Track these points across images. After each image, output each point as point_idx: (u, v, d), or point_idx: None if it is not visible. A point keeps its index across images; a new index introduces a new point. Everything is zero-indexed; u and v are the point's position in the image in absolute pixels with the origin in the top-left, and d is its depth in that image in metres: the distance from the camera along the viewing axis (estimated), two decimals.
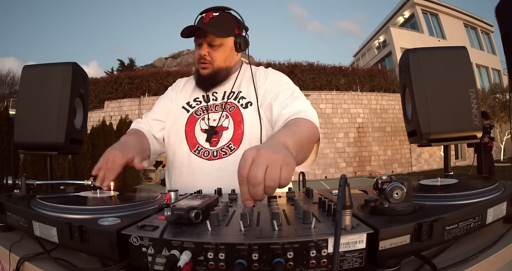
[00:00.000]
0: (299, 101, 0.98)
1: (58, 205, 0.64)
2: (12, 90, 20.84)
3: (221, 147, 1.00)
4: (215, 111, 1.06)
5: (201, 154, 1.01)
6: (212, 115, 1.05)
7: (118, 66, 29.77)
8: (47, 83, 1.04)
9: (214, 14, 1.02)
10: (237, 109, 1.04)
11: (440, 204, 0.61)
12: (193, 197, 0.65)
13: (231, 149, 0.99)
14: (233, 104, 1.05)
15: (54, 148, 1.04)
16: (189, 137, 1.04)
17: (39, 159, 5.73)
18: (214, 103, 1.08)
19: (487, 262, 0.57)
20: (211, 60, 1.04)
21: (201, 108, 1.08)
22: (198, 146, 1.02)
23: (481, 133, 0.98)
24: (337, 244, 0.41)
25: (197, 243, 0.46)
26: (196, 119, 1.06)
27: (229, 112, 1.04)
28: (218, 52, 1.04)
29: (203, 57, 1.04)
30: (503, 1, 0.96)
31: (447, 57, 1.00)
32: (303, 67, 12.28)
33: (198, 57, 1.05)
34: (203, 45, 1.03)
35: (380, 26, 18.49)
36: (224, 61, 1.06)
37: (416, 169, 12.27)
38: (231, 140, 1.00)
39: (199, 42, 1.03)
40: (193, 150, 1.02)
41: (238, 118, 1.02)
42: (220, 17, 1.02)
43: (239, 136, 1.00)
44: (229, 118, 1.03)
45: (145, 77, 12.51)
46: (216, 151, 1.00)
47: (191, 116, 1.07)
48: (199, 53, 1.04)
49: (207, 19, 1.01)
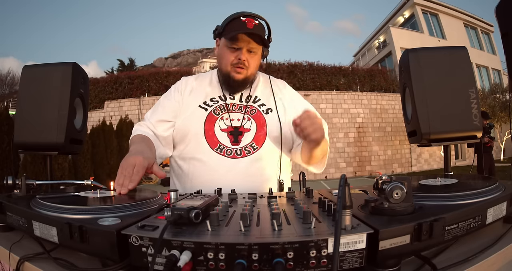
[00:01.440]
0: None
1: (58, 205, 0.64)
2: (12, 90, 20.84)
3: (245, 146, 1.03)
4: (234, 111, 1.08)
5: (223, 152, 1.02)
6: (233, 115, 1.07)
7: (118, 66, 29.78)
8: (47, 83, 1.04)
9: (256, 22, 1.03)
10: (258, 113, 1.09)
11: (440, 204, 0.61)
12: (193, 197, 0.65)
13: (254, 148, 1.04)
14: (254, 108, 1.10)
15: (54, 148, 1.04)
16: (208, 136, 1.04)
17: (39, 159, 5.73)
18: (232, 103, 1.11)
19: (487, 262, 0.57)
20: (248, 66, 1.06)
21: (219, 107, 1.09)
22: (220, 144, 1.03)
23: (481, 133, 0.98)
24: (337, 244, 0.41)
25: (197, 243, 0.46)
26: (215, 118, 1.07)
27: (250, 114, 1.08)
28: (254, 59, 1.07)
29: (242, 62, 1.04)
30: (503, 1, 0.96)
31: (447, 57, 1.00)
32: (303, 67, 12.27)
33: (236, 61, 1.05)
34: (243, 50, 1.04)
35: (380, 26, 18.49)
36: (255, 68, 1.10)
37: (416, 169, 12.27)
38: (254, 139, 1.05)
39: (239, 46, 1.03)
40: (215, 149, 1.03)
41: (260, 121, 1.07)
42: (261, 26, 1.05)
43: (262, 137, 1.05)
44: (251, 120, 1.07)
45: (145, 77, 12.50)
46: (239, 150, 1.03)
47: (210, 115, 1.07)
48: (238, 57, 1.04)
49: (251, 25, 1.01)
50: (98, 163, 8.08)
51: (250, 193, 0.84)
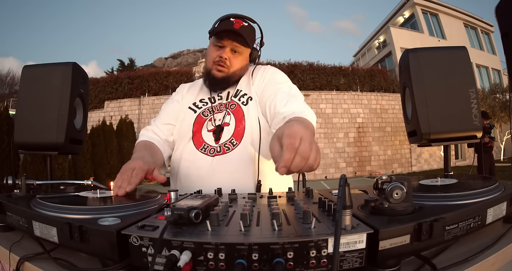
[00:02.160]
0: (297, 102, 0.98)
1: (58, 205, 0.64)
2: (12, 90, 20.82)
3: (224, 143, 1.03)
4: (219, 111, 1.10)
5: (207, 151, 1.04)
6: (217, 115, 1.09)
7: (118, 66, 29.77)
8: (47, 83, 1.04)
9: (245, 23, 1.05)
10: (238, 107, 1.07)
11: (440, 204, 0.61)
12: (193, 197, 0.65)
13: (233, 144, 1.03)
14: (234, 102, 1.09)
15: (54, 148, 1.04)
16: (195, 137, 1.07)
17: (39, 159, 5.73)
18: (219, 103, 1.12)
19: (487, 262, 0.57)
20: (229, 65, 1.07)
21: (208, 109, 1.11)
22: (205, 144, 1.05)
23: (481, 133, 0.98)
24: (337, 244, 0.41)
25: (197, 243, 0.46)
26: (203, 120, 1.09)
27: (230, 109, 1.08)
28: (237, 59, 1.08)
29: (223, 60, 1.06)
30: (503, 1, 0.96)
31: (447, 57, 1.00)
32: (303, 67, 12.27)
33: (217, 59, 1.06)
34: (226, 49, 1.05)
35: (380, 26, 18.48)
36: (239, 69, 1.10)
37: (416, 169, 12.26)
38: (233, 135, 1.04)
39: (223, 45, 1.05)
40: (200, 148, 1.05)
41: (239, 115, 1.06)
42: (249, 28, 1.07)
43: (241, 131, 1.04)
44: (231, 115, 1.07)
45: (145, 77, 12.50)
46: (219, 147, 1.03)
47: (199, 117, 1.10)
48: (220, 55, 1.05)
49: (238, 26, 1.03)
50: (98, 163, 8.08)
51: (250, 193, 0.84)
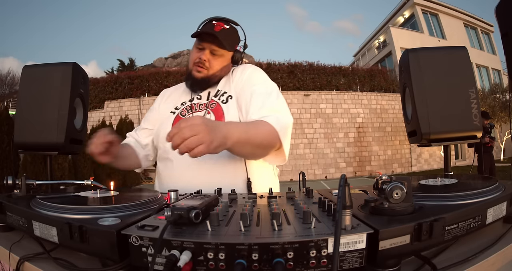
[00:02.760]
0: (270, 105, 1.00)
1: (58, 205, 0.64)
2: (12, 90, 20.82)
3: None
4: (199, 110, 1.11)
5: None
6: (196, 114, 1.10)
7: (118, 66, 29.75)
8: (47, 83, 1.04)
9: (226, 26, 1.07)
10: (217, 105, 1.09)
11: (440, 204, 0.61)
12: (193, 197, 0.65)
13: None
14: (214, 101, 1.11)
15: (54, 148, 1.04)
16: None
17: (39, 159, 5.73)
18: (198, 102, 1.14)
19: (487, 262, 0.57)
20: (209, 67, 1.10)
21: (186, 109, 1.14)
22: None
23: (481, 133, 0.98)
24: (337, 244, 0.41)
25: (197, 243, 0.46)
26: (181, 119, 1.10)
27: (211, 109, 1.10)
28: (217, 61, 1.10)
29: (202, 62, 1.09)
30: (503, 1, 0.95)
31: (447, 57, 1.00)
32: (303, 67, 12.27)
33: (197, 60, 1.09)
34: (205, 51, 1.08)
35: (380, 26, 18.48)
36: (219, 70, 1.12)
37: (416, 169, 12.27)
38: None
39: (203, 46, 1.08)
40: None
41: (219, 113, 1.07)
42: (230, 31, 1.08)
43: None
44: (211, 113, 1.08)
45: (145, 77, 12.51)
46: None
47: (177, 117, 1.13)
48: (200, 56, 1.08)
49: (219, 28, 1.05)
50: (98, 163, 8.06)
51: (250, 193, 0.84)
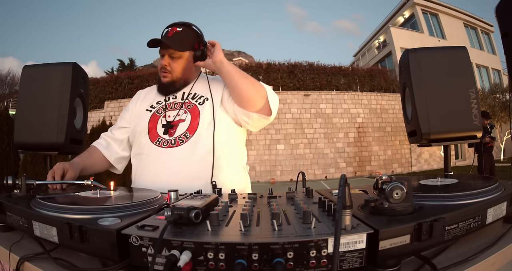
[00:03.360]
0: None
1: (58, 205, 0.64)
2: (12, 90, 20.81)
3: (178, 136, 1.11)
4: (174, 109, 1.18)
5: (161, 144, 1.11)
6: (170, 112, 1.18)
7: (118, 66, 29.70)
8: (47, 83, 1.04)
9: (178, 29, 1.14)
10: (194, 106, 1.17)
11: (440, 204, 0.61)
12: (193, 197, 0.65)
13: (187, 137, 1.11)
14: (191, 103, 1.19)
15: (54, 148, 1.04)
16: (151, 132, 1.15)
17: (39, 159, 5.72)
18: (173, 101, 1.21)
19: (487, 262, 0.57)
20: (171, 70, 1.18)
21: (162, 107, 1.21)
22: (159, 137, 1.13)
23: (481, 133, 0.98)
24: (337, 244, 0.41)
25: (197, 243, 0.46)
26: (158, 117, 1.18)
27: (187, 109, 1.17)
28: (177, 63, 1.17)
29: (164, 67, 1.18)
30: (503, 1, 0.96)
31: (447, 57, 1.00)
32: (303, 67, 12.26)
33: (160, 67, 1.19)
34: (165, 56, 1.17)
35: (380, 26, 18.48)
36: (181, 72, 1.19)
37: (416, 169, 12.26)
38: (187, 129, 1.12)
39: (162, 53, 1.17)
40: (155, 142, 1.12)
41: (195, 113, 1.15)
42: (182, 33, 1.14)
43: (195, 126, 1.12)
44: (187, 113, 1.16)
45: (145, 77, 12.49)
46: (174, 140, 1.11)
47: (153, 115, 1.19)
48: (161, 63, 1.18)
49: (171, 33, 1.14)
50: None
51: (250, 193, 0.84)
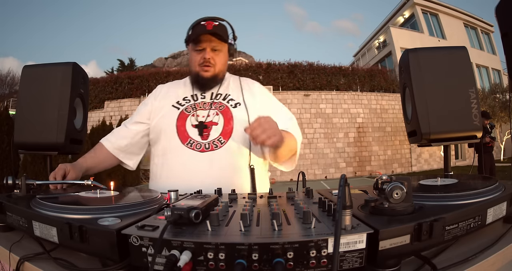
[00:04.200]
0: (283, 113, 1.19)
1: (58, 205, 0.64)
2: (12, 90, 20.81)
3: (212, 140, 1.08)
4: (203, 109, 1.15)
5: (193, 146, 1.07)
6: (200, 112, 1.14)
7: (118, 66, 29.72)
8: (47, 83, 1.04)
9: (215, 23, 1.11)
10: (226, 108, 1.14)
11: (440, 204, 0.61)
12: (193, 197, 0.65)
13: (221, 142, 1.08)
14: (222, 104, 1.15)
15: (54, 148, 1.04)
16: (180, 131, 1.10)
17: (39, 159, 5.72)
18: (202, 101, 1.17)
19: (487, 262, 0.57)
20: (214, 64, 1.14)
21: (190, 106, 1.16)
22: (190, 139, 1.09)
23: (481, 133, 0.98)
24: (337, 244, 0.41)
25: (197, 243, 0.46)
26: (186, 115, 1.14)
27: (219, 110, 1.14)
28: (219, 57, 1.15)
29: (207, 60, 1.13)
30: (503, 1, 0.96)
31: (447, 57, 1.00)
32: (303, 67, 12.26)
33: (201, 61, 1.13)
34: (206, 50, 1.12)
35: (380, 26, 18.48)
36: (223, 65, 1.18)
37: (416, 169, 12.26)
38: (221, 134, 1.09)
39: (203, 47, 1.12)
40: (186, 143, 1.08)
41: (228, 116, 1.12)
42: (220, 26, 1.12)
43: (229, 131, 1.09)
44: (219, 115, 1.13)
45: (145, 77, 12.50)
46: (208, 144, 1.08)
47: (182, 113, 1.14)
48: (203, 56, 1.13)
49: (210, 26, 1.09)
50: None
51: (250, 193, 0.84)
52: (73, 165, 1.02)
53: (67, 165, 0.99)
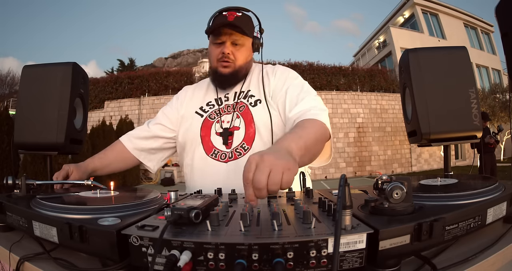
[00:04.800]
0: (307, 99, 0.98)
1: (58, 205, 0.64)
2: (12, 90, 20.81)
3: (235, 148, 1.01)
4: (227, 113, 1.07)
5: (218, 157, 1.02)
6: (225, 117, 1.06)
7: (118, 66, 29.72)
8: (47, 83, 1.04)
9: (238, 14, 1.01)
10: (246, 108, 1.04)
11: (440, 204, 0.61)
12: (193, 197, 0.65)
13: (245, 149, 1.01)
14: (243, 104, 1.06)
15: (54, 148, 1.04)
16: (205, 141, 1.05)
17: (39, 159, 5.72)
18: (226, 104, 1.09)
19: (487, 262, 0.57)
20: (234, 59, 1.03)
21: (215, 112, 1.08)
22: (215, 149, 1.03)
23: (481, 133, 0.98)
24: (337, 244, 0.41)
25: (197, 243, 0.46)
26: (211, 123, 1.07)
27: (239, 112, 1.05)
28: (240, 51, 1.04)
29: (226, 56, 1.02)
30: (503, 1, 0.95)
31: (447, 57, 1.00)
32: (303, 67, 12.26)
33: (220, 56, 1.03)
34: (226, 43, 1.02)
35: (380, 26, 18.48)
36: (245, 61, 1.06)
37: (416, 169, 12.26)
38: (244, 139, 1.01)
39: (222, 40, 1.02)
40: (210, 154, 1.03)
41: (248, 118, 1.03)
42: (243, 17, 1.02)
43: (251, 135, 1.01)
44: (240, 118, 1.04)
45: (145, 77, 12.49)
46: (231, 152, 1.01)
47: (206, 121, 1.07)
48: (222, 51, 1.02)
49: (232, 18, 0.99)
50: None
51: None
52: (77, 165, 1.00)
53: (71, 166, 0.97)
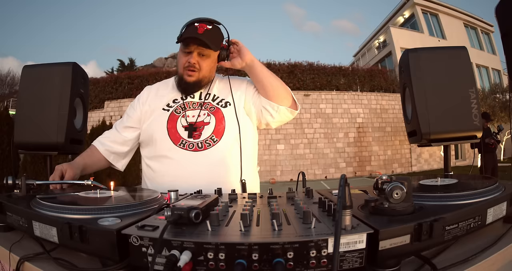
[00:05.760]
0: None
1: (58, 205, 0.64)
2: (12, 90, 20.81)
3: (205, 139, 1.09)
4: (192, 109, 1.15)
5: (186, 146, 1.08)
6: (190, 112, 1.14)
7: (118, 66, 29.68)
8: (47, 83, 1.04)
9: (208, 27, 1.08)
10: (217, 109, 1.14)
11: (440, 204, 0.61)
12: (193, 197, 0.65)
13: (214, 140, 1.09)
14: (213, 105, 1.15)
15: (54, 148, 1.04)
16: (171, 133, 1.11)
17: (39, 159, 5.72)
18: (191, 101, 1.17)
19: (487, 262, 0.57)
20: (199, 69, 1.11)
21: (180, 106, 1.16)
22: (182, 140, 1.09)
23: (481, 133, 0.98)
24: (337, 244, 0.41)
25: (197, 243, 0.46)
26: (176, 117, 1.14)
27: (210, 111, 1.14)
28: (206, 62, 1.11)
29: (192, 65, 1.10)
30: (503, 1, 0.96)
31: (447, 57, 1.00)
32: (303, 67, 12.25)
33: (186, 64, 1.10)
34: (193, 54, 1.09)
35: (380, 26, 18.48)
36: (209, 71, 1.14)
37: (416, 169, 12.25)
38: (213, 132, 1.10)
39: (190, 50, 1.09)
40: (178, 144, 1.09)
41: (219, 116, 1.13)
42: (213, 31, 1.09)
43: (221, 130, 1.11)
44: (211, 116, 1.13)
45: (145, 77, 12.49)
46: (200, 143, 1.09)
47: (172, 115, 1.14)
48: (188, 60, 1.10)
49: (202, 30, 1.06)
50: None
51: (250, 193, 0.84)
52: (70, 163, 1.02)
53: (64, 165, 1.00)
